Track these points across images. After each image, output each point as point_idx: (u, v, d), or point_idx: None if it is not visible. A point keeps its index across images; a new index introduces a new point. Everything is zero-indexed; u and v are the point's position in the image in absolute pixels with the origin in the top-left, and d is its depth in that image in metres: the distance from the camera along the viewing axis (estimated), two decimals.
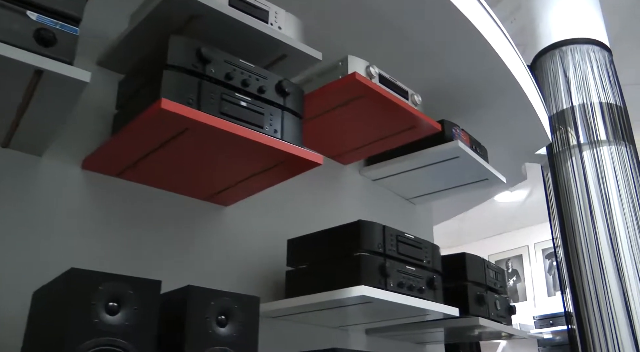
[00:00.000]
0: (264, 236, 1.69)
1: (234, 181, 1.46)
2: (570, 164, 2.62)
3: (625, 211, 2.47)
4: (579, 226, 2.53)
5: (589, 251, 2.49)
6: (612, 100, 2.66)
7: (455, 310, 1.60)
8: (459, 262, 1.81)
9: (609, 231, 2.46)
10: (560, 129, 2.67)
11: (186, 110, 1.16)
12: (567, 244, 2.58)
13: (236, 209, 1.64)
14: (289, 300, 1.47)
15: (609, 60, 2.76)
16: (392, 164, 2.05)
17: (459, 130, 1.97)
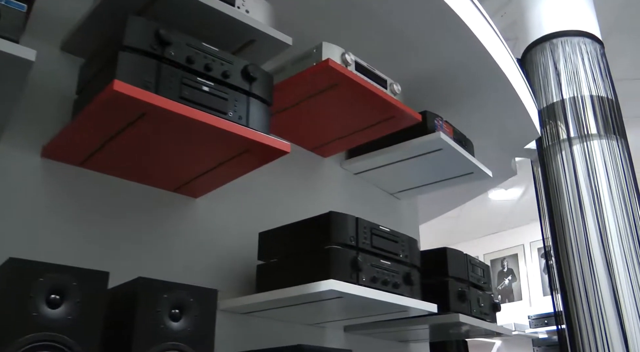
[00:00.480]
0: (237, 230, 1.63)
1: (200, 171, 1.40)
2: (560, 159, 2.56)
3: (616, 206, 2.41)
4: (569, 221, 2.47)
5: (578, 247, 2.43)
6: (603, 93, 2.59)
7: (434, 306, 1.53)
8: (440, 257, 1.75)
9: (599, 227, 2.39)
10: (550, 123, 2.61)
11: (142, 94, 1.10)
12: (557, 241, 2.52)
13: (207, 201, 1.58)
14: (257, 295, 1.42)
15: (600, 53, 2.70)
16: (374, 157, 1.99)
17: (442, 122, 1.91)
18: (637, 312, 2.28)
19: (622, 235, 2.38)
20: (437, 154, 1.94)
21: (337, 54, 1.56)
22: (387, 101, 1.65)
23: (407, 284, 1.49)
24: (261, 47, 1.44)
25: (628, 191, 2.44)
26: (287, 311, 1.51)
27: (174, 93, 1.17)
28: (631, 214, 2.41)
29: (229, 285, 1.55)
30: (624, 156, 2.50)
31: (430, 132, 1.87)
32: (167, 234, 1.47)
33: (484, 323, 1.81)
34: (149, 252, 1.42)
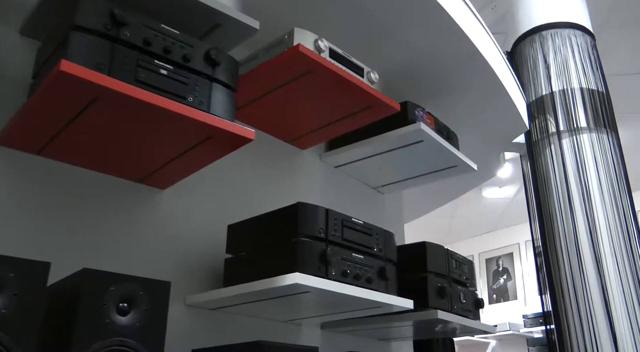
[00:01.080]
0: (208, 223, 1.57)
1: (163, 160, 1.34)
2: (548, 153, 2.50)
3: (606, 201, 2.35)
4: (558, 217, 2.41)
5: (567, 244, 2.37)
6: (593, 86, 2.53)
7: (409, 302, 1.47)
8: (419, 252, 1.69)
9: (589, 223, 2.33)
10: (539, 117, 2.55)
11: (93, 75, 1.04)
12: (546, 238, 2.46)
13: (176, 192, 1.52)
14: (221, 290, 1.36)
15: (591, 45, 2.64)
16: (353, 149, 1.93)
17: (422, 113, 1.85)
18: (626, 311, 2.22)
19: (612, 231, 2.32)
20: (418, 146, 1.88)
21: (310, 40, 1.50)
22: (364, 90, 1.59)
23: (382, 279, 1.43)
24: (228, 32, 1.38)
25: (618, 186, 2.38)
26: (257, 306, 1.46)
27: (129, 76, 1.11)
28: (621, 209, 2.35)
29: (198, 280, 1.49)
30: (615, 150, 2.44)
31: (411, 123, 1.81)
32: (132, 226, 1.41)
33: (465, 320, 1.75)
34: (111, 245, 1.36)
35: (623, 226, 2.33)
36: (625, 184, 2.42)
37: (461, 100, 2.24)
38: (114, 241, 1.36)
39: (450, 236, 6.38)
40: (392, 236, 1.52)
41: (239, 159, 1.72)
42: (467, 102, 2.26)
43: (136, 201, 1.44)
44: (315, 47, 1.50)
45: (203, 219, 1.57)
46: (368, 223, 1.44)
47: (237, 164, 1.72)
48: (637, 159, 4.52)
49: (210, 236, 1.56)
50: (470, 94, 2.22)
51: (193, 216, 1.55)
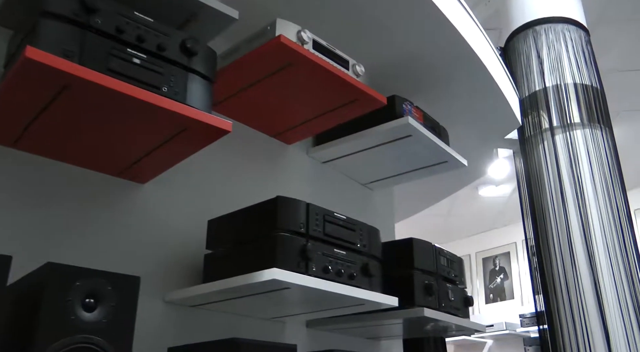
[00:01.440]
0: (189, 219, 1.53)
1: (140, 153, 1.30)
2: (541, 149, 2.46)
3: (599, 198, 2.31)
4: (550, 213, 2.37)
5: (560, 242, 2.33)
6: (587, 81, 2.50)
7: (394, 300, 1.44)
8: (405, 248, 1.65)
9: (582, 219, 2.30)
10: (532, 112, 2.51)
11: (61, 63, 1.01)
12: (539, 236, 2.42)
13: (156, 187, 1.49)
14: (199, 286, 1.32)
15: (585, 41, 2.61)
16: (341, 144, 1.90)
17: (410, 107, 1.82)
18: (619, 309, 2.18)
19: (605, 229, 2.28)
20: (407, 140, 1.85)
21: (293, 32, 1.46)
22: (349, 83, 1.55)
23: (365, 276, 1.39)
24: (206, 22, 1.35)
25: (612, 183, 2.34)
26: (238, 303, 1.42)
27: (100, 64, 1.07)
28: (615, 206, 2.31)
29: (177, 276, 1.46)
30: (609, 146, 2.40)
31: (399, 117, 1.78)
32: (110, 221, 1.37)
33: (453, 318, 1.71)
34: (88, 241, 1.32)
35: (617, 222, 2.30)
36: (619, 181, 2.38)
37: (451, 95, 2.20)
38: (92, 237, 1.33)
39: (446, 235, 6.35)
40: (376, 231, 1.48)
41: (223, 154, 1.68)
42: (458, 98, 2.22)
43: (115, 195, 1.41)
44: (298, 39, 1.47)
45: (185, 215, 1.53)
46: (351, 218, 1.41)
47: (221, 158, 1.68)
48: (633, 156, 4.49)
49: (191, 231, 1.52)
50: (460, 90, 2.18)
51: (174, 211, 1.51)
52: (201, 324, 1.48)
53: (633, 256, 2.30)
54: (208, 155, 1.63)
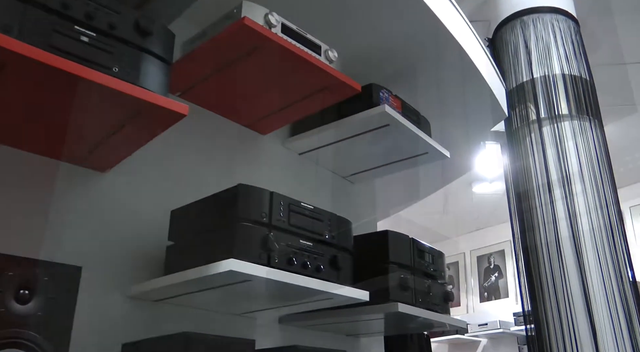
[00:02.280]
0: (154, 209, 1.47)
1: (95, 139, 1.24)
2: (529, 141, 2.40)
3: (588, 192, 2.25)
4: (537, 207, 2.31)
5: (547, 237, 2.27)
6: (576, 72, 2.43)
7: (364, 293, 1.38)
8: (380, 241, 1.59)
9: (569, 213, 2.23)
10: (520, 104, 2.45)
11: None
12: (525, 232, 2.36)
13: (118, 176, 1.42)
14: (157, 279, 1.26)
15: (574, 31, 2.54)
16: (317, 134, 1.84)
17: (387, 95, 1.76)
18: (607, 307, 2.12)
19: (593, 224, 2.22)
20: (385, 130, 1.78)
21: (260, 14, 1.40)
22: (320, 68, 1.49)
23: (333, 269, 1.33)
24: (166, 2, 1.29)
25: (601, 176, 2.28)
26: (201, 297, 1.36)
27: (43, 41, 1.01)
28: (604, 200, 2.25)
29: (140, 269, 1.39)
30: (598, 139, 2.34)
31: (376, 105, 1.72)
32: (69, 211, 1.31)
33: (432, 314, 1.65)
34: (45, 231, 1.26)
35: (605, 218, 2.24)
36: (609, 175, 2.32)
37: (434, 85, 2.14)
38: (51, 227, 1.26)
39: (439, 232, 6.28)
40: (347, 222, 1.42)
41: (192, 144, 1.62)
42: (441, 88, 2.16)
43: (73, 184, 1.35)
44: (265, 22, 1.40)
45: (150, 205, 1.47)
46: (319, 208, 1.35)
47: (191, 148, 1.62)
48: (625, 154, 4.43)
49: (156, 222, 1.46)
50: (443, 80, 2.12)
51: (139, 201, 1.45)
52: (166, 319, 1.41)
53: (622, 254, 2.23)
54: (176, 145, 1.57)
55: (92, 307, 1.22)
